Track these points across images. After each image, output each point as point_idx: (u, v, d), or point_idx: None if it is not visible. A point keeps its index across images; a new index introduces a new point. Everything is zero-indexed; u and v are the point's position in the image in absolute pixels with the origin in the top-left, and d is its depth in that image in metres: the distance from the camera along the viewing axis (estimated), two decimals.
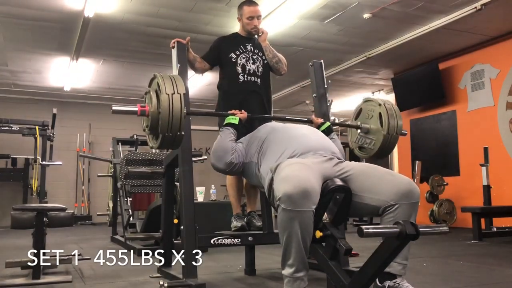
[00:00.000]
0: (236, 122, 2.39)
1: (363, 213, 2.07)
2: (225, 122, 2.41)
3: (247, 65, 2.87)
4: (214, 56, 2.93)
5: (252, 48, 2.93)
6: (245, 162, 2.27)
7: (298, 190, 1.66)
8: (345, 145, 3.95)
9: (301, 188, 1.67)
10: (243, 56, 2.88)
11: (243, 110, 2.49)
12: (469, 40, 6.09)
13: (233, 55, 2.87)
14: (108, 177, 6.54)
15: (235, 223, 2.75)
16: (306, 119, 2.67)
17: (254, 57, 2.91)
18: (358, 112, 2.79)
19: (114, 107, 2.10)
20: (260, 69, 2.91)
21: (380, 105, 2.63)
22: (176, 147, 2.27)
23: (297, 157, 1.99)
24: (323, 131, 2.49)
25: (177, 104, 2.03)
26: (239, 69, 2.86)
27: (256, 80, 2.89)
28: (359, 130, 2.74)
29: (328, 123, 2.63)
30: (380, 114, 2.62)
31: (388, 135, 2.59)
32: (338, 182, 1.87)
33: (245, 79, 2.85)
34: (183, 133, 2.08)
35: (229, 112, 2.47)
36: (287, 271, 1.75)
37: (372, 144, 2.66)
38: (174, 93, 2.04)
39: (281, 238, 1.75)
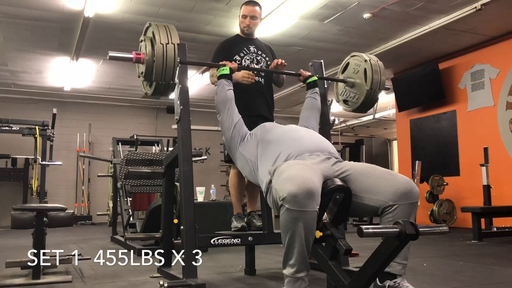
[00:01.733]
0: (228, 72, 2.48)
1: (362, 213, 2.07)
2: (218, 75, 2.49)
3: (252, 66, 2.89)
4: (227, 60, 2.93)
5: (255, 49, 2.96)
6: (242, 153, 2.29)
7: (303, 190, 1.66)
8: (346, 145, 3.93)
9: (306, 188, 1.67)
10: (248, 58, 2.91)
11: (233, 62, 2.60)
12: (469, 40, 6.09)
13: (237, 57, 2.89)
14: (108, 177, 6.54)
15: (236, 224, 2.76)
16: (294, 73, 2.78)
17: (258, 58, 2.94)
18: (345, 67, 2.90)
19: (111, 53, 2.26)
20: None
21: (366, 60, 2.76)
22: (168, 95, 2.39)
23: (294, 159, 1.99)
24: (309, 83, 2.72)
25: (171, 54, 2.18)
26: None
27: (260, 80, 2.91)
28: (344, 84, 2.87)
29: (315, 77, 2.76)
30: (365, 69, 2.74)
31: (371, 90, 2.72)
32: (338, 182, 1.86)
33: None
34: (176, 81, 2.26)
35: (220, 63, 2.56)
36: (288, 271, 1.75)
37: (356, 98, 2.81)
38: (168, 43, 2.18)
39: (283, 238, 1.75)
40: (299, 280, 1.74)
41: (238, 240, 2.49)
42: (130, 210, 4.85)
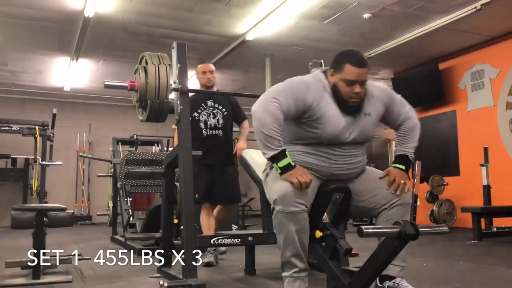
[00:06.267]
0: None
1: (360, 215, 2.10)
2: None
3: (208, 120, 3.20)
4: None
5: (213, 103, 3.24)
6: None
7: (292, 192, 1.68)
8: None
9: (295, 190, 1.68)
10: (204, 113, 3.21)
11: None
12: (469, 40, 6.09)
13: (196, 114, 3.18)
14: (108, 177, 6.54)
15: (202, 259, 2.91)
16: None
17: (214, 111, 3.23)
18: None
19: (106, 82, 2.36)
20: (220, 121, 3.23)
21: None
22: (163, 118, 2.45)
23: None
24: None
25: (163, 73, 2.31)
26: (202, 125, 3.19)
27: (217, 132, 3.22)
28: None
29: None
30: None
31: None
32: (338, 182, 1.87)
33: (208, 133, 3.20)
34: (169, 100, 2.36)
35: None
36: (286, 272, 1.76)
37: None
38: (160, 64, 2.32)
39: (278, 240, 1.76)
40: (298, 280, 1.75)
41: (238, 240, 2.50)
42: (130, 210, 4.85)
